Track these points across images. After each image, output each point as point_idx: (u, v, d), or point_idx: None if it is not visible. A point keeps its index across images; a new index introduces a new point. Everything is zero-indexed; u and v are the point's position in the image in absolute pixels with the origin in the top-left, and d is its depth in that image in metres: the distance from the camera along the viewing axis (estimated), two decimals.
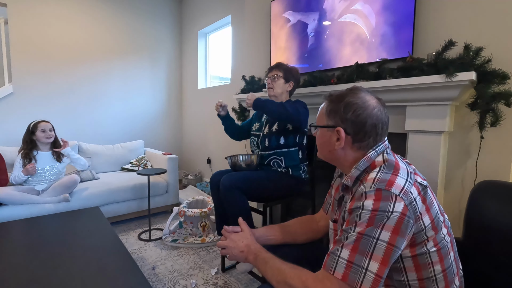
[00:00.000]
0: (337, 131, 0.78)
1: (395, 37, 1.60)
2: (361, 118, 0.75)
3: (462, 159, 1.44)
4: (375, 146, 0.78)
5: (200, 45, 3.88)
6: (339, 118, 0.78)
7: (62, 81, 3.27)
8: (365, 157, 0.77)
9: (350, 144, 0.78)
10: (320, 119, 0.84)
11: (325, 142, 0.82)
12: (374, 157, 0.76)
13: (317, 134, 0.86)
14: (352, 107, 0.76)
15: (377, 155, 0.77)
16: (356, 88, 0.81)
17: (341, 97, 0.79)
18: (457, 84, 1.29)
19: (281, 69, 1.69)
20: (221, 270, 1.84)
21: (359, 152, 0.78)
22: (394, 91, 1.52)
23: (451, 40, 1.33)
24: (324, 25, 1.95)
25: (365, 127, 0.76)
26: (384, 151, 0.78)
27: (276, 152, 1.63)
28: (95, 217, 1.74)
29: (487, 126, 1.27)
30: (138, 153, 3.20)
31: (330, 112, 0.80)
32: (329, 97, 0.83)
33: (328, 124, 0.80)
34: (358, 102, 0.77)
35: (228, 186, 1.47)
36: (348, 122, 0.77)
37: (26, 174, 2.13)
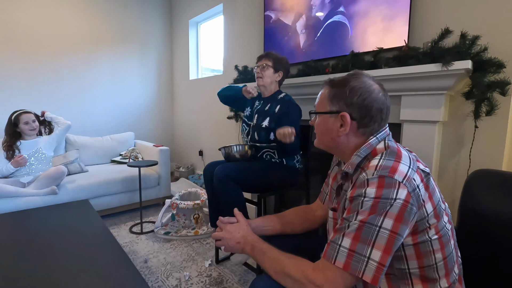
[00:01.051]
0: (341, 116, 0.75)
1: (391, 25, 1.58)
2: (367, 102, 0.73)
3: (455, 149, 1.45)
4: (377, 132, 0.76)
5: (191, 34, 3.79)
6: (343, 103, 0.75)
7: (46, 71, 3.14)
8: (366, 143, 0.75)
9: (354, 130, 0.76)
10: (321, 105, 0.81)
11: (327, 129, 0.79)
12: (375, 144, 0.75)
13: (317, 122, 0.83)
14: (358, 91, 0.74)
15: (378, 142, 0.75)
16: (357, 72, 0.79)
17: (344, 81, 0.77)
18: (453, 73, 1.28)
19: (271, 58, 1.65)
20: (215, 262, 1.83)
21: (362, 138, 0.77)
22: (389, 81, 1.51)
23: (448, 29, 1.32)
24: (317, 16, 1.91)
25: (371, 111, 0.74)
26: (386, 138, 0.76)
27: (269, 146, 1.61)
28: (84, 210, 1.69)
29: (482, 115, 1.27)
30: (128, 145, 3.13)
31: (333, 97, 0.77)
32: (331, 82, 0.80)
33: (332, 109, 0.77)
34: (363, 86, 0.74)
35: (221, 177, 1.44)
36: (354, 107, 0.74)
37: (16, 166, 2.05)
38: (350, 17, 1.75)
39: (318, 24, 1.92)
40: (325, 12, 1.88)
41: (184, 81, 3.93)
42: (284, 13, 2.17)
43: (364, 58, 1.63)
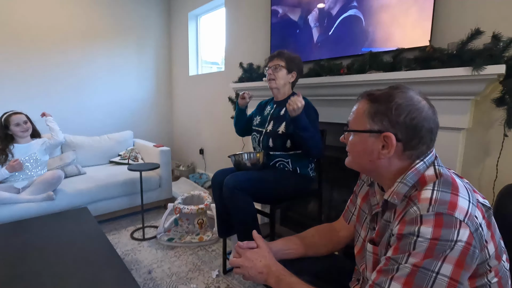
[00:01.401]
0: (384, 137, 0.65)
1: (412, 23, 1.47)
2: (417, 121, 0.63)
3: (480, 157, 1.37)
4: (424, 156, 0.66)
5: (191, 28, 3.63)
6: (388, 122, 0.65)
7: (40, 67, 2.99)
8: (412, 169, 0.65)
9: (399, 153, 0.66)
10: (359, 122, 0.70)
11: (365, 150, 0.69)
12: (423, 170, 0.65)
13: (352, 140, 0.73)
14: (405, 108, 0.64)
15: (426, 167, 0.66)
16: (401, 86, 0.69)
17: (388, 96, 0.66)
18: (483, 78, 1.19)
19: (283, 57, 1.53)
20: (222, 272, 1.75)
21: (406, 162, 0.67)
22: (411, 84, 1.41)
23: (479, 29, 1.22)
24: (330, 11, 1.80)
25: (421, 132, 0.64)
26: (434, 162, 0.66)
27: (282, 154, 1.51)
28: (83, 220, 1.59)
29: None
30: (127, 145, 3.01)
31: (375, 114, 0.67)
32: (370, 96, 0.70)
33: (373, 128, 0.67)
34: (411, 103, 0.64)
35: (232, 188, 1.35)
36: (401, 127, 0.64)
37: (11, 171, 1.94)
38: (365, 12, 1.64)
39: (332, 19, 1.80)
40: (339, 5, 1.76)
41: (183, 77, 3.79)
42: (293, 8, 2.04)
43: (383, 59, 1.52)
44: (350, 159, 0.76)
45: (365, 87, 1.58)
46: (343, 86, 1.68)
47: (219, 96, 3.14)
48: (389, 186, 0.71)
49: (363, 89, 1.57)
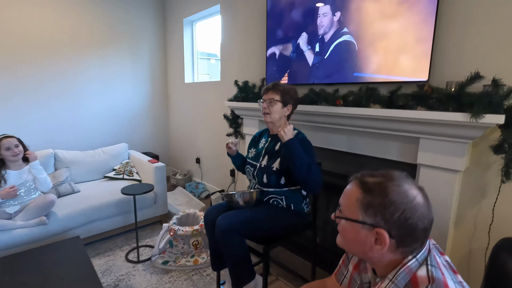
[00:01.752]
0: (377, 232, 0.63)
1: (411, 56, 1.42)
2: (411, 221, 0.61)
3: (476, 198, 1.34)
4: (416, 252, 0.64)
5: (186, 34, 3.54)
6: (381, 218, 0.63)
7: (29, 76, 2.91)
8: (404, 267, 0.63)
9: (392, 248, 0.64)
10: (350, 209, 0.68)
11: (357, 240, 0.67)
12: (415, 268, 0.63)
13: (344, 225, 0.70)
14: (400, 207, 0.61)
15: (418, 265, 0.63)
16: (395, 176, 0.66)
17: (382, 190, 0.63)
18: (482, 126, 1.15)
19: (278, 91, 1.48)
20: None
21: (399, 256, 0.65)
22: (408, 123, 1.37)
23: (478, 73, 1.18)
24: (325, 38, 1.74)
25: (415, 231, 0.62)
26: (427, 260, 0.64)
27: (276, 191, 1.48)
28: (73, 252, 1.57)
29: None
30: (122, 158, 2.97)
31: (367, 206, 0.64)
32: (363, 185, 0.67)
33: (365, 221, 0.65)
34: (406, 201, 0.62)
35: (224, 230, 1.32)
36: (395, 225, 0.62)
37: (6, 198, 1.90)
38: (359, 39, 1.58)
39: (326, 44, 1.75)
40: (333, 31, 1.70)
41: (179, 84, 3.73)
42: (289, 30, 1.98)
43: (380, 93, 1.48)
44: (342, 241, 0.74)
45: (361, 120, 1.54)
46: (339, 117, 1.64)
47: (215, 105, 3.09)
48: (381, 273, 0.70)
49: (359, 122, 1.56)
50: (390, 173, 0.68)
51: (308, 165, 1.35)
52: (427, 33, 1.35)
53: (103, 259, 2.16)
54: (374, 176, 0.68)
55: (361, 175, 0.70)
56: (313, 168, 1.37)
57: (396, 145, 1.52)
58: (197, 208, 2.98)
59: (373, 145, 1.61)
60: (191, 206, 3.06)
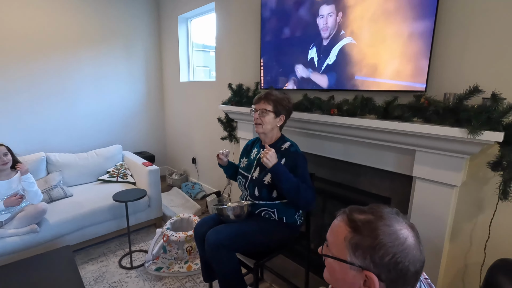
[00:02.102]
0: (366, 275, 0.60)
1: (409, 66, 1.37)
2: (402, 266, 0.58)
3: (472, 212, 1.31)
4: None
5: (181, 31, 3.46)
6: (370, 261, 0.59)
7: (19, 77, 2.84)
8: None
9: None
10: (338, 248, 0.64)
11: (345, 281, 0.64)
12: None
13: (332, 265, 0.66)
14: (390, 250, 0.57)
15: None
16: (385, 215, 0.62)
17: (371, 229, 0.60)
18: (480, 142, 1.11)
19: (270, 101, 1.43)
20: None
21: None
22: (403, 135, 1.33)
23: (477, 87, 1.13)
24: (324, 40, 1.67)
25: (406, 275, 0.58)
26: None
27: (268, 204, 1.44)
28: (63, 264, 1.55)
29: (511, 195, 1.11)
30: (116, 160, 2.94)
31: (356, 247, 0.61)
32: (351, 223, 0.62)
33: (354, 262, 0.61)
34: (397, 243, 0.58)
35: (213, 245, 1.30)
36: (384, 269, 0.58)
37: (9, 206, 1.89)
38: (360, 42, 1.52)
39: (326, 47, 1.68)
40: (332, 33, 1.64)
41: (175, 83, 3.66)
42: (285, 31, 1.91)
43: (376, 103, 1.43)
44: (329, 278, 0.70)
45: (356, 130, 1.50)
46: (333, 126, 1.60)
47: (211, 106, 3.04)
48: None
49: (354, 132, 1.51)
50: (380, 211, 0.64)
51: (297, 188, 1.31)
52: (425, 42, 1.29)
53: (96, 265, 2.15)
54: (364, 212, 0.64)
55: (349, 211, 0.66)
56: (303, 188, 1.32)
57: (392, 155, 1.48)
58: (192, 210, 2.96)
59: (368, 155, 1.57)
60: (186, 208, 3.03)
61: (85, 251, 2.30)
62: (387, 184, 1.60)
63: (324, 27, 1.66)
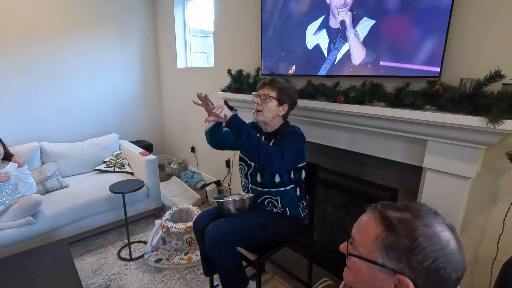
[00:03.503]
0: (399, 280, 0.53)
1: (422, 49, 1.27)
2: (444, 272, 0.51)
3: (485, 205, 1.25)
4: None
5: (177, 15, 3.30)
6: (406, 264, 0.52)
7: (10, 65, 2.72)
8: None
9: None
10: (368, 247, 0.57)
11: (371, 283, 0.57)
12: None
13: (357, 265, 0.59)
14: (430, 255, 0.51)
15: None
16: (424, 213, 0.55)
17: (409, 229, 0.53)
18: (500, 132, 1.03)
19: (275, 87, 1.34)
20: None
21: None
22: (415, 124, 1.25)
23: (499, 72, 1.04)
24: None
25: (447, 284, 0.52)
26: None
27: (271, 191, 1.37)
28: (58, 258, 1.50)
29: None
30: (113, 150, 2.86)
31: (390, 248, 0.54)
32: (385, 221, 0.55)
33: (386, 264, 0.54)
34: (439, 247, 0.51)
35: (213, 240, 1.24)
36: (422, 274, 0.51)
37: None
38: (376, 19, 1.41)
39: (341, 30, 1.58)
40: (349, 14, 1.53)
41: (172, 70, 3.53)
42: (290, 14, 1.79)
43: (385, 90, 1.34)
44: (352, 280, 0.63)
45: (364, 119, 1.42)
46: (339, 114, 1.51)
47: (209, 92, 2.89)
48: None
49: (361, 120, 1.43)
50: (417, 208, 0.56)
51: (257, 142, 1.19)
52: (441, 21, 1.19)
53: (95, 256, 2.11)
54: (399, 210, 0.57)
55: (382, 207, 0.58)
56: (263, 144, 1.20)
57: (401, 145, 1.40)
58: (192, 200, 2.91)
59: (375, 144, 1.49)
60: (186, 197, 2.98)
61: (83, 242, 2.26)
62: (394, 175, 1.54)
63: (337, 6, 1.55)
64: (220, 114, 1.25)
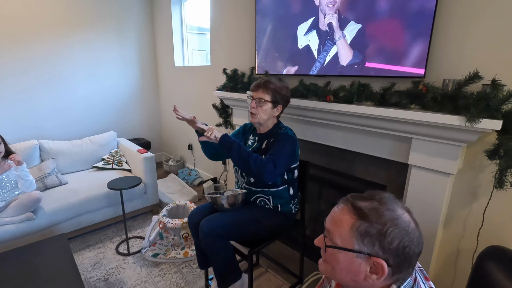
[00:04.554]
0: (374, 262, 0.59)
1: (408, 49, 1.32)
2: (409, 249, 0.59)
3: (467, 200, 1.31)
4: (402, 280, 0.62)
5: (174, 13, 3.34)
6: (379, 247, 0.59)
7: (9, 63, 2.76)
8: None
9: (386, 276, 0.61)
10: (343, 238, 0.62)
11: (350, 270, 0.62)
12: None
13: (334, 255, 0.64)
14: (398, 235, 0.58)
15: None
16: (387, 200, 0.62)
17: (378, 216, 0.59)
18: (477, 130, 1.09)
19: (269, 90, 1.38)
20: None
21: (388, 282, 0.62)
22: (400, 122, 1.30)
23: (477, 73, 1.09)
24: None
25: (412, 259, 0.60)
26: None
27: (263, 191, 1.43)
28: (57, 252, 1.55)
29: (507, 184, 1.10)
30: (111, 147, 2.90)
31: (364, 235, 0.60)
32: (357, 211, 0.61)
33: (362, 250, 0.60)
34: (402, 227, 0.59)
35: (207, 234, 1.29)
36: (393, 253, 0.59)
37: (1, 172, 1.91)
38: (366, 26, 1.46)
39: (331, 31, 1.63)
40: (336, 16, 1.57)
41: (169, 68, 3.57)
42: (282, 15, 1.84)
43: (373, 89, 1.39)
44: (329, 270, 0.68)
45: (352, 117, 1.47)
46: (329, 113, 1.56)
47: (206, 91, 2.98)
48: None
49: (350, 119, 1.48)
50: (381, 196, 0.63)
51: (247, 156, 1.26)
52: (426, 25, 1.24)
53: (94, 251, 2.16)
54: (366, 199, 0.63)
55: (352, 198, 0.64)
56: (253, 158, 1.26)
57: (388, 143, 1.46)
58: (189, 196, 2.96)
59: (365, 142, 1.54)
60: (183, 194, 3.04)
61: (82, 238, 2.31)
62: (382, 172, 1.59)
63: (327, 7, 1.59)
64: (211, 136, 1.31)
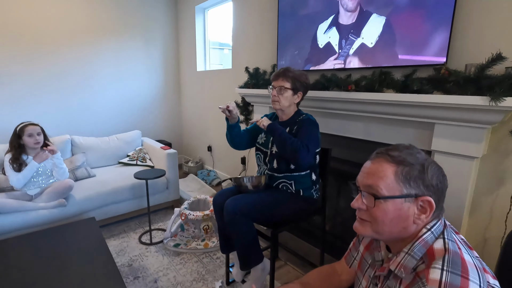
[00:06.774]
0: (423, 201, 0.63)
1: (428, 38, 1.36)
2: (443, 182, 0.65)
3: (493, 185, 1.30)
4: (433, 223, 0.64)
5: (198, 21, 3.53)
6: (423, 185, 0.63)
7: (48, 67, 2.99)
8: (419, 240, 0.63)
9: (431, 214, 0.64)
10: (389, 186, 0.63)
11: (400, 217, 0.64)
12: (431, 241, 0.62)
13: (382, 208, 0.64)
14: (435, 172, 0.64)
15: (434, 238, 0.62)
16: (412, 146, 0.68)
17: (413, 158, 0.64)
18: (502, 109, 1.10)
19: (288, 77, 1.45)
20: (226, 283, 1.79)
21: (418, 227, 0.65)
22: (422, 107, 1.33)
23: (500, 54, 1.12)
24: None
25: (444, 192, 0.65)
26: (444, 234, 0.63)
27: (286, 176, 1.47)
28: (89, 232, 1.64)
29: None
30: (136, 145, 3.04)
31: (409, 178, 0.63)
32: (393, 159, 0.65)
33: (410, 193, 0.63)
34: (434, 164, 0.65)
35: (232, 212, 1.34)
36: (434, 189, 0.63)
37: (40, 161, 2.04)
38: (387, 17, 1.52)
39: (352, 27, 1.70)
40: (358, 11, 1.65)
41: (191, 72, 3.74)
42: (304, 13, 1.93)
43: (394, 77, 1.43)
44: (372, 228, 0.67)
45: (374, 106, 1.50)
46: (350, 103, 1.61)
47: (226, 93, 3.09)
48: (396, 248, 0.69)
49: (372, 107, 1.52)
50: (406, 145, 0.69)
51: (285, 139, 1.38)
52: (447, 13, 1.28)
53: (118, 240, 2.25)
54: (394, 150, 0.67)
55: (384, 151, 0.68)
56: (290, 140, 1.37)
57: (409, 131, 1.48)
58: (208, 194, 3.03)
59: (385, 132, 1.57)
60: (202, 192, 3.11)
61: (107, 228, 2.41)
62: None
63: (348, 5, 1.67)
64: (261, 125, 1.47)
